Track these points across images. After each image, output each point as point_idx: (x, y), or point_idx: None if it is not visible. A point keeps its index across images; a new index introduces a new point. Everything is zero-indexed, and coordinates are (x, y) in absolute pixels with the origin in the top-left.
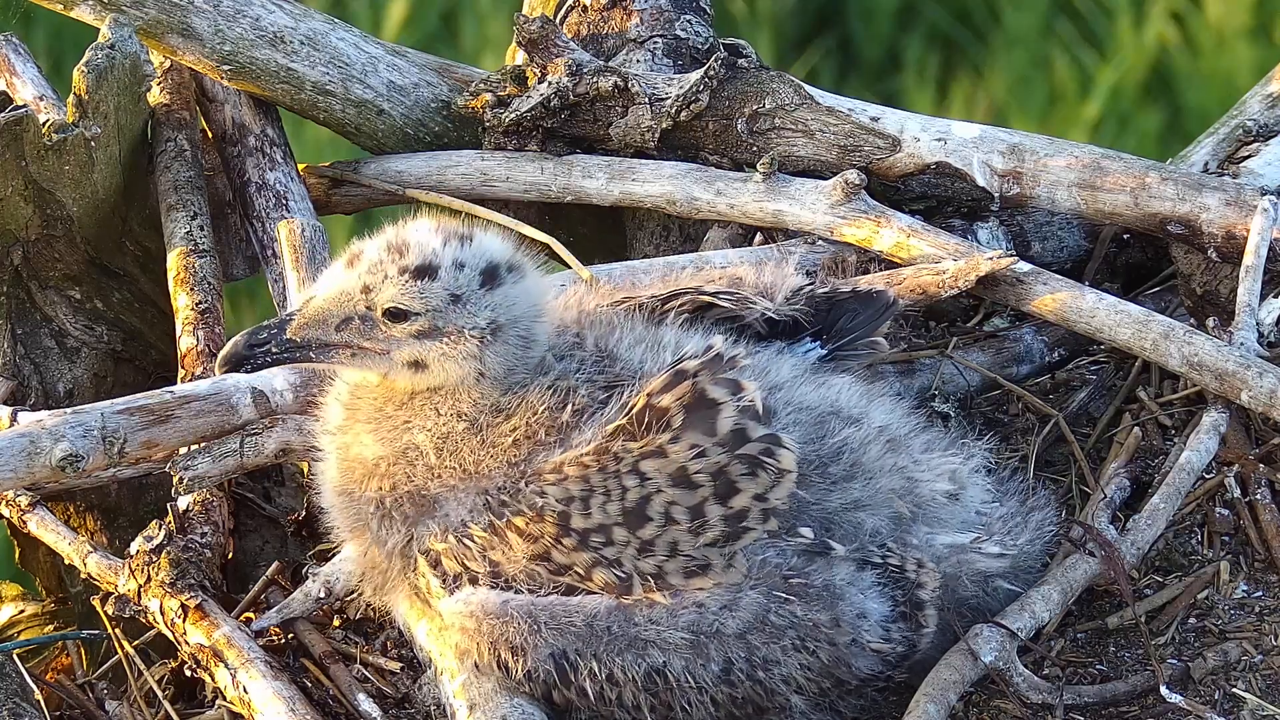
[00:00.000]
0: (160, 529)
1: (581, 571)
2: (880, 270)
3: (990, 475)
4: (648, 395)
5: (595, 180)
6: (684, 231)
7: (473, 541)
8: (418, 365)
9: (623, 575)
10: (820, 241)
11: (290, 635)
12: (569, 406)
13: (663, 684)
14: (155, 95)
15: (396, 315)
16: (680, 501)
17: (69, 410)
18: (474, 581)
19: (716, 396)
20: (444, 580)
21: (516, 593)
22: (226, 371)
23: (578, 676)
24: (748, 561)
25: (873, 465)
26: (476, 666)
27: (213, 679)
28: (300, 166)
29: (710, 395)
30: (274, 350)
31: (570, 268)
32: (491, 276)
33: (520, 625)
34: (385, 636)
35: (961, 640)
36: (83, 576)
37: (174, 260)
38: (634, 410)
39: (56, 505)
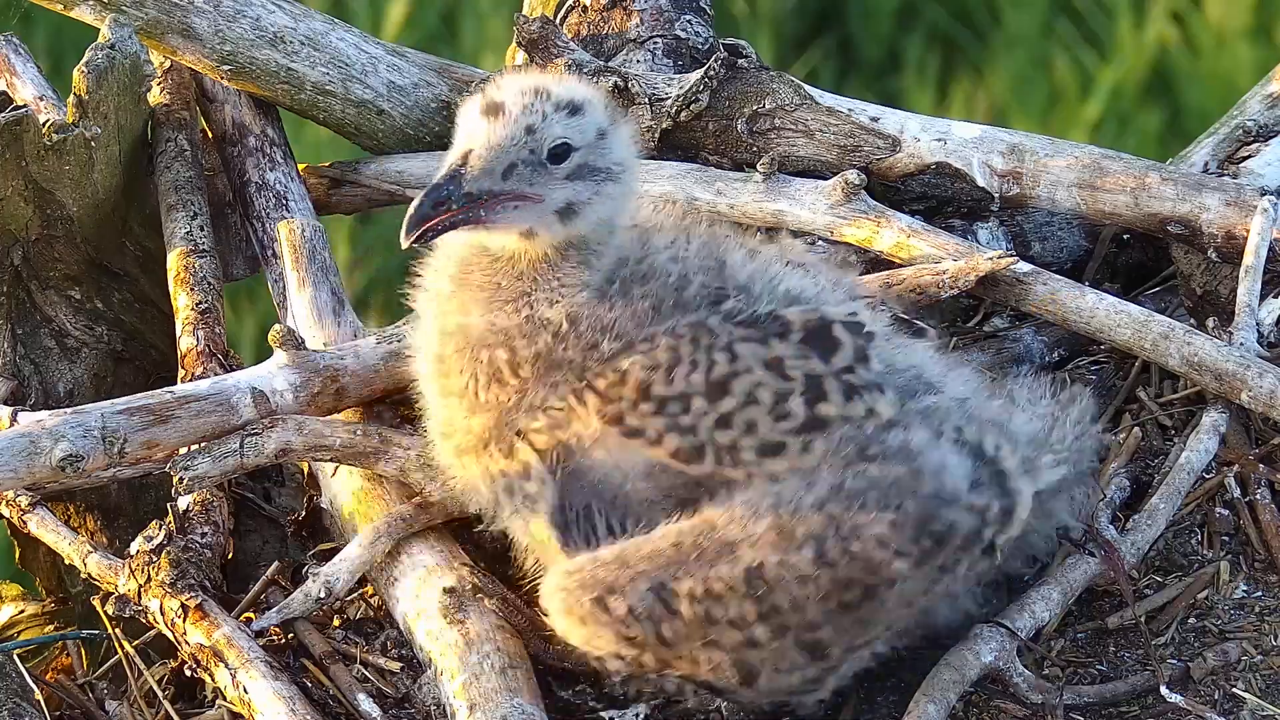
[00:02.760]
0: (160, 529)
1: (654, 435)
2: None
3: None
4: (773, 308)
5: None
6: None
7: (558, 412)
8: (568, 211)
9: (696, 443)
10: (820, 242)
11: (290, 635)
12: (683, 291)
13: (763, 584)
14: (155, 95)
15: (559, 154)
16: (767, 384)
17: (69, 410)
18: (563, 458)
19: (840, 336)
20: (533, 449)
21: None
22: (414, 239)
23: (678, 602)
24: (825, 446)
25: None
26: (583, 620)
27: (213, 679)
28: (300, 166)
29: (835, 334)
30: (454, 206)
31: None
32: (613, 114)
33: (611, 566)
34: (385, 636)
35: (962, 640)
36: (83, 576)
37: (174, 260)
38: (754, 311)
39: (56, 505)
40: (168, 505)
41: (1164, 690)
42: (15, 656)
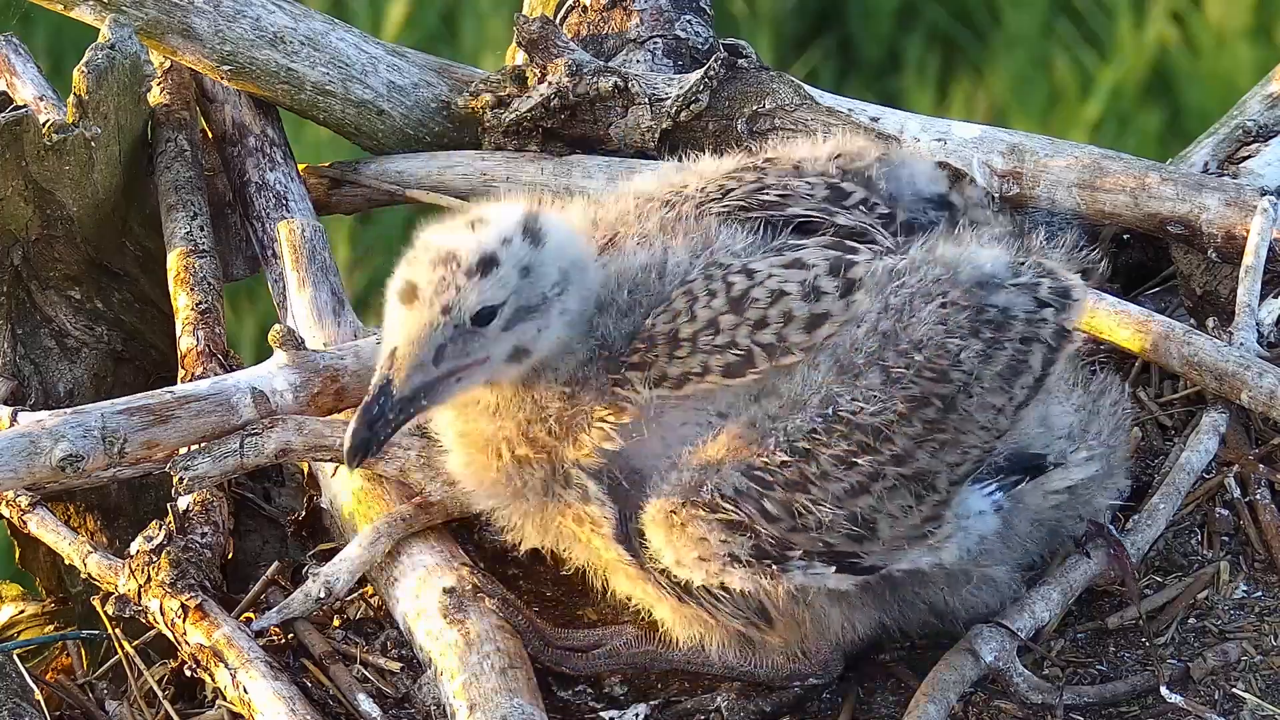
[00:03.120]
0: (160, 529)
1: (698, 371)
2: None
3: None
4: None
5: (595, 180)
6: None
7: (599, 411)
8: (519, 353)
9: (739, 354)
10: None
11: (290, 635)
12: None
13: (840, 423)
14: (155, 95)
15: (485, 316)
16: (791, 279)
17: (69, 410)
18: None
19: (857, 243)
20: (597, 482)
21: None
22: (359, 461)
23: (768, 470)
24: (867, 296)
25: None
26: (679, 562)
27: (213, 679)
28: (300, 166)
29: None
30: (390, 415)
31: None
32: (534, 236)
33: (696, 472)
34: (385, 636)
35: (962, 640)
36: (83, 576)
37: (174, 260)
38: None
39: (56, 505)
40: (168, 505)
41: (1164, 690)
42: (15, 656)
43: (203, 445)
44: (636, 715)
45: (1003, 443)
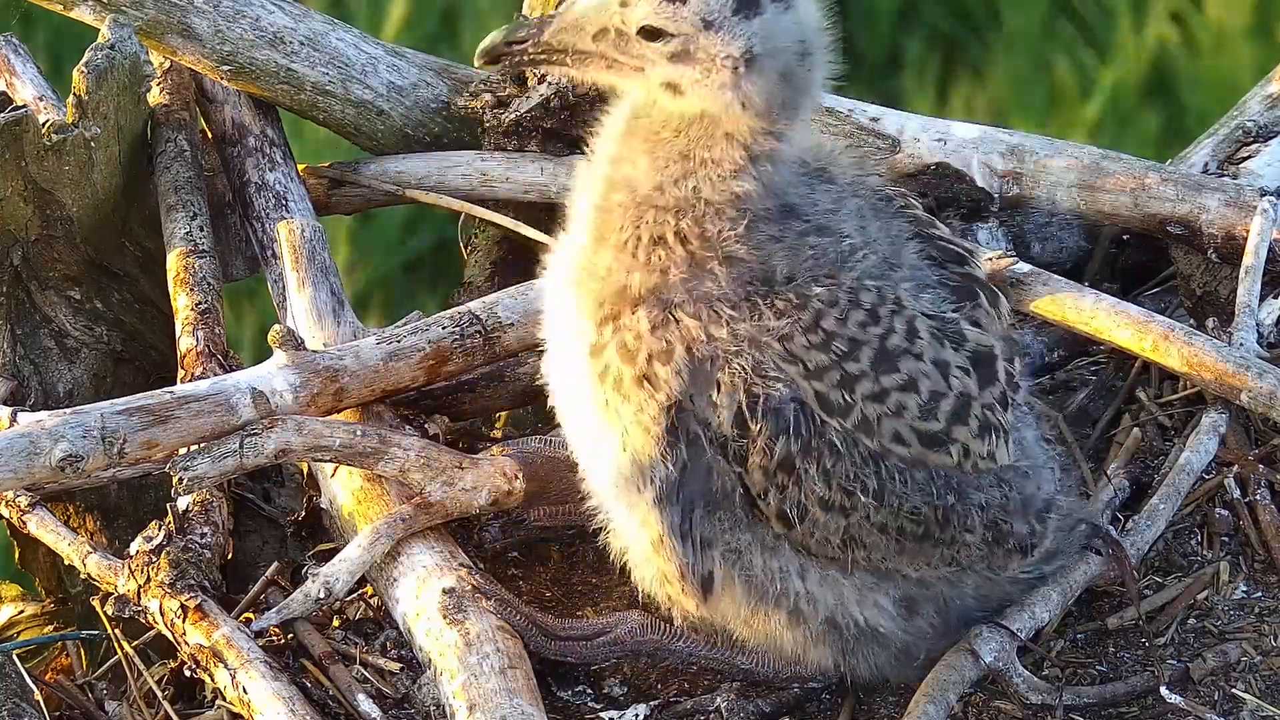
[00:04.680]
0: (160, 529)
1: (811, 367)
2: None
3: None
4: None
5: None
6: None
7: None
8: (673, 88)
9: (846, 390)
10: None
11: (290, 636)
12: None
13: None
14: (155, 96)
15: (651, 34)
16: (929, 380)
17: (69, 410)
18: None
19: (999, 371)
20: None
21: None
22: (484, 64)
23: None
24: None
25: None
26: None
27: (212, 679)
28: (300, 167)
29: (996, 369)
30: (530, 50)
31: None
32: (749, 3)
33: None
34: (385, 637)
35: (961, 640)
36: (83, 577)
37: (174, 261)
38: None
39: (56, 506)
40: (167, 505)
41: (1164, 691)
42: (15, 656)
43: (202, 445)
44: (636, 715)
45: None
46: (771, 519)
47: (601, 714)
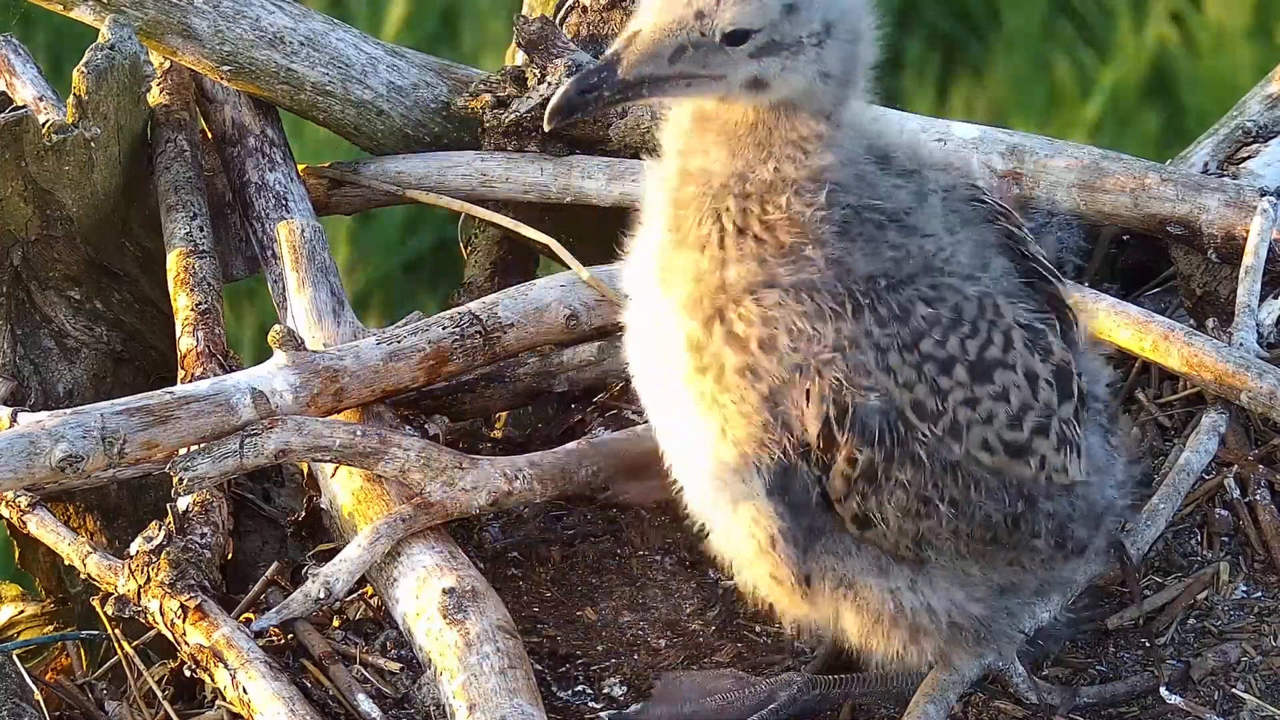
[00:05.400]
0: (160, 529)
1: (901, 380)
2: None
3: None
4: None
5: (595, 181)
6: None
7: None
8: (757, 84)
9: (939, 401)
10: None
11: (290, 636)
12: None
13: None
14: (155, 96)
15: (738, 37)
16: (1020, 392)
17: (69, 410)
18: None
19: (1076, 388)
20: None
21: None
22: (558, 122)
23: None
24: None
25: None
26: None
27: (212, 679)
28: (300, 167)
29: (1074, 385)
30: (606, 93)
31: (570, 268)
32: None
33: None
34: (385, 637)
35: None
36: (83, 577)
37: (174, 261)
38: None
39: (56, 506)
40: (167, 505)
41: (1164, 691)
42: (15, 657)
43: (202, 446)
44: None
45: None
46: (846, 520)
47: (602, 714)
